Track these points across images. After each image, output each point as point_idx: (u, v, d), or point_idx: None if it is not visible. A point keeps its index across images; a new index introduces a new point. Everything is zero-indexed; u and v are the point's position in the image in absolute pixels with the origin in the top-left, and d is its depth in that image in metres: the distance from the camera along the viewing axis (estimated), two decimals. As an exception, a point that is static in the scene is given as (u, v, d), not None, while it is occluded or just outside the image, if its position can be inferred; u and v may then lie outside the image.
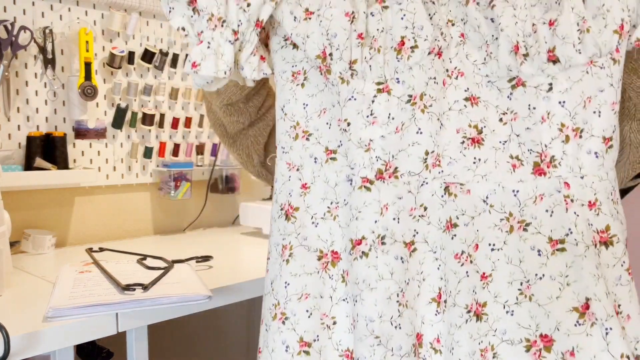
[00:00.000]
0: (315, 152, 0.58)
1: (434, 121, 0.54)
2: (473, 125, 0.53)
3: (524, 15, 0.50)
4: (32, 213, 1.44)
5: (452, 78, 0.54)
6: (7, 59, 1.35)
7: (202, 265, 1.18)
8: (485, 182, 0.52)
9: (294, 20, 0.55)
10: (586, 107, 0.51)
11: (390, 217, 0.54)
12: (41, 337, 0.78)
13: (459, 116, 0.53)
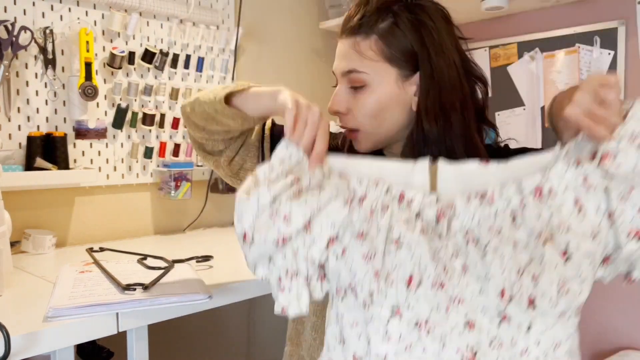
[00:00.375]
0: (347, 356, 0.69)
1: (437, 342, 0.64)
2: (469, 347, 0.64)
3: (511, 264, 0.62)
4: (33, 213, 1.44)
5: (454, 304, 0.64)
6: (8, 59, 1.35)
7: (203, 265, 1.18)
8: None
9: (336, 259, 0.69)
10: (555, 350, 0.63)
11: None
12: (41, 336, 0.78)
13: (459, 338, 0.64)
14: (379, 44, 0.82)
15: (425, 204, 0.68)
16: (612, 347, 1.69)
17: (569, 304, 0.62)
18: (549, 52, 1.77)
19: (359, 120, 0.85)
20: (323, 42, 2.23)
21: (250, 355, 1.95)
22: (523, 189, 0.65)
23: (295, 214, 0.66)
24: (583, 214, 0.62)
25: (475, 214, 0.65)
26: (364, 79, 0.83)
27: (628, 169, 0.60)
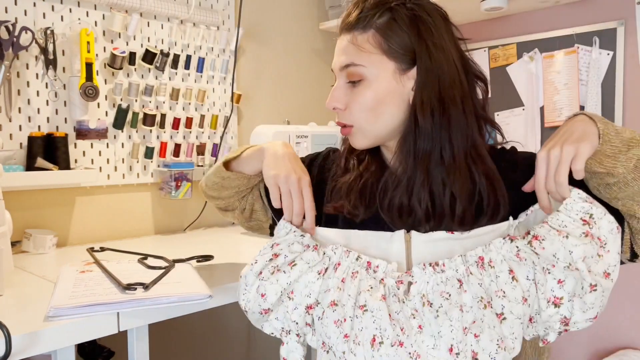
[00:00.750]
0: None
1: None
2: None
3: (458, 325, 0.73)
4: (33, 213, 1.45)
5: (413, 359, 0.73)
6: (9, 60, 1.35)
7: (203, 264, 1.19)
8: None
9: (318, 320, 0.82)
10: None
11: None
12: (42, 336, 0.78)
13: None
14: (377, 37, 0.82)
15: (388, 271, 0.80)
16: (612, 347, 1.69)
17: (505, 357, 0.72)
18: (548, 52, 1.78)
19: (356, 115, 0.85)
20: (323, 42, 2.24)
21: (250, 355, 1.95)
22: (468, 259, 0.77)
23: (269, 292, 0.81)
24: (516, 282, 0.74)
25: (429, 280, 0.77)
26: (361, 72, 0.83)
27: (549, 253, 0.74)
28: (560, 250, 0.73)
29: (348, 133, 0.88)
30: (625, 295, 1.65)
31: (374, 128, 0.85)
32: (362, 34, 0.83)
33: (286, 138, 1.63)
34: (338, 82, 0.87)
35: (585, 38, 1.69)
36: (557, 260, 0.73)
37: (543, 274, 0.74)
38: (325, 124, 1.92)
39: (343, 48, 0.85)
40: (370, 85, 0.83)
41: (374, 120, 0.85)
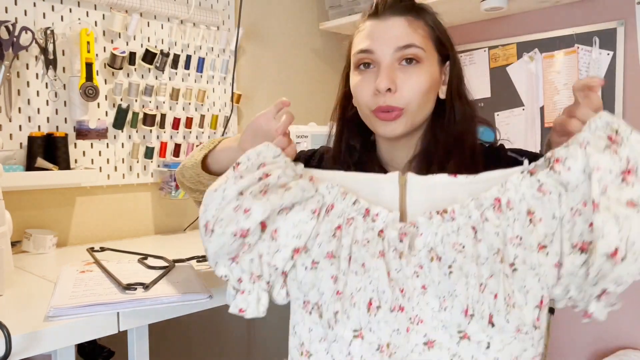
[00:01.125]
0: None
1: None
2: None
3: (474, 282, 0.64)
4: (34, 213, 1.45)
5: (414, 324, 0.66)
6: (9, 60, 1.35)
7: (203, 264, 1.19)
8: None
9: (305, 270, 0.71)
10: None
11: None
12: (42, 336, 0.78)
13: (419, 358, 0.66)
14: (428, 27, 0.85)
15: (389, 221, 0.69)
16: (612, 347, 1.69)
17: (519, 318, 0.64)
18: (548, 52, 1.78)
19: (408, 97, 0.82)
20: (323, 42, 2.24)
21: (250, 355, 1.95)
22: (482, 203, 0.66)
23: (256, 208, 0.67)
24: (534, 225, 0.64)
25: (437, 231, 0.67)
26: (420, 55, 0.83)
27: (577, 172, 0.62)
28: (586, 165, 0.62)
29: (393, 118, 0.83)
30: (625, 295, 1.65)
31: (419, 114, 0.85)
32: (417, 20, 0.84)
33: (286, 138, 1.63)
34: (387, 64, 0.82)
35: (585, 38, 1.69)
36: (587, 176, 0.61)
37: (572, 215, 0.63)
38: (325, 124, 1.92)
39: (398, 29, 0.83)
40: (427, 69, 0.84)
41: (423, 104, 0.84)
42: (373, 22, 0.85)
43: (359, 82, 0.86)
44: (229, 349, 1.89)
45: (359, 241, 0.69)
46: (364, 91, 0.84)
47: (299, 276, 0.71)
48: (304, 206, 0.70)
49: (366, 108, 0.85)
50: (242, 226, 0.67)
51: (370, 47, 0.83)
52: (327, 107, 0.95)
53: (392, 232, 0.68)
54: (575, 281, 0.64)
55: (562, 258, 0.63)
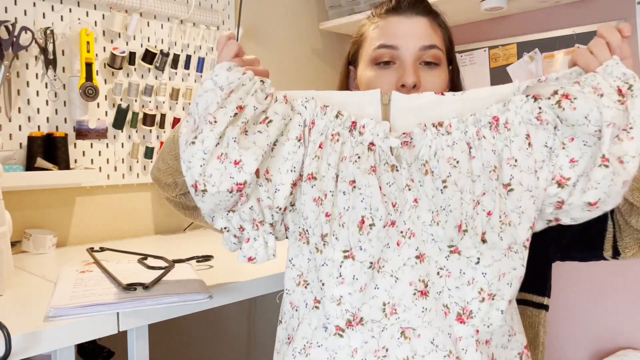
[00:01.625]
0: (308, 298, 0.71)
1: (387, 277, 0.66)
2: (421, 279, 0.66)
3: (468, 198, 0.64)
4: (33, 213, 1.45)
5: (405, 238, 0.66)
6: (9, 60, 1.35)
7: (203, 264, 1.19)
8: (430, 327, 0.65)
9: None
10: (501, 280, 0.66)
11: (359, 359, 0.66)
12: (42, 336, 0.78)
13: (411, 271, 0.66)
14: (442, 29, 0.86)
15: (378, 131, 0.67)
16: (612, 347, 1.69)
17: (512, 236, 0.64)
18: (548, 52, 1.77)
19: None
20: (323, 42, 2.23)
21: (250, 355, 1.95)
22: (480, 119, 0.66)
23: (247, 159, 0.63)
24: (531, 149, 0.64)
25: (432, 144, 0.66)
26: (440, 57, 0.83)
27: (580, 115, 0.62)
28: (593, 111, 0.61)
29: None
30: (625, 295, 1.65)
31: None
32: (435, 21, 0.85)
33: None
34: (409, 62, 0.81)
35: (586, 38, 1.69)
36: (588, 122, 0.61)
37: (559, 147, 0.64)
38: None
39: (422, 28, 0.83)
40: (443, 71, 0.84)
41: None
42: (394, 18, 0.83)
43: (377, 77, 0.83)
44: (228, 349, 1.89)
45: (346, 157, 0.67)
46: (384, 87, 0.81)
47: (297, 206, 0.69)
48: (287, 135, 0.67)
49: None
50: (237, 180, 0.63)
51: (394, 42, 0.82)
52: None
53: (383, 144, 0.66)
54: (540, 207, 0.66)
55: (547, 185, 0.65)
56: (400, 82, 0.80)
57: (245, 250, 0.69)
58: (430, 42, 0.82)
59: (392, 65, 0.82)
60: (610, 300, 1.68)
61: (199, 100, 0.66)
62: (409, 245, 0.66)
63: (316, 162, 0.67)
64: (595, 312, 1.71)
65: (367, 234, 0.65)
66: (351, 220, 0.65)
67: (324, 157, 0.67)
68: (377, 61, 0.83)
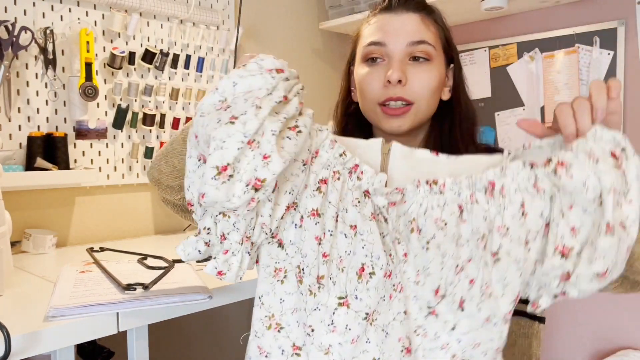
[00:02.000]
0: (283, 344, 0.66)
1: (379, 332, 0.63)
2: (407, 336, 0.64)
3: (450, 264, 0.61)
4: (33, 213, 1.44)
5: (396, 292, 0.64)
6: (8, 60, 1.35)
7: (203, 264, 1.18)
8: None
9: (294, 228, 0.65)
10: (475, 348, 0.64)
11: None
12: (42, 336, 0.78)
13: (400, 327, 0.64)
14: (437, 26, 0.85)
15: (374, 182, 0.65)
16: (612, 347, 1.69)
17: (492, 309, 0.62)
18: (548, 52, 1.77)
19: (418, 92, 0.82)
20: (323, 42, 2.23)
21: (250, 355, 1.95)
22: (475, 183, 0.63)
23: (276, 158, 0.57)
24: (524, 219, 0.61)
25: (423, 202, 0.63)
26: (431, 53, 0.82)
27: (578, 182, 0.59)
28: (590, 178, 0.58)
29: (401, 114, 0.81)
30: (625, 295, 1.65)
31: (426, 112, 0.84)
32: (428, 18, 0.84)
33: (286, 138, 1.63)
34: (398, 58, 0.81)
35: (586, 38, 1.69)
36: (586, 189, 0.58)
37: (558, 215, 0.61)
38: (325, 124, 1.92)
39: (412, 24, 0.82)
40: (435, 67, 0.83)
41: (431, 102, 0.84)
42: (385, 16, 0.84)
43: (367, 74, 0.84)
44: (228, 349, 1.89)
45: (345, 199, 0.64)
46: (373, 83, 0.83)
47: (289, 236, 0.65)
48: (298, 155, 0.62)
49: (373, 101, 0.84)
50: (258, 175, 0.57)
51: (382, 39, 0.82)
52: (327, 107, 0.94)
53: (381, 200, 0.64)
54: (542, 280, 0.62)
55: (544, 257, 0.61)
56: (386, 78, 0.81)
57: (219, 262, 0.63)
58: (419, 37, 0.82)
59: (381, 62, 0.83)
60: (610, 300, 1.68)
61: (238, 81, 0.61)
62: (399, 300, 0.64)
63: (320, 198, 0.64)
64: (595, 312, 1.71)
65: (366, 282, 0.62)
66: (351, 266, 0.63)
67: (327, 194, 0.64)
68: (367, 58, 0.84)
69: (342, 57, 0.96)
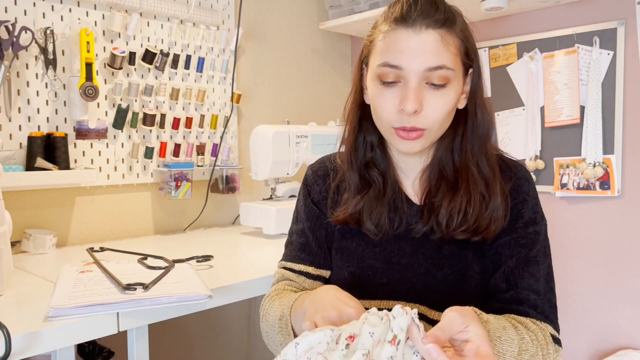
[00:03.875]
0: None
1: None
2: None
3: None
4: (33, 213, 1.45)
5: None
6: (9, 60, 1.35)
7: (203, 264, 1.19)
8: None
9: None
10: None
11: None
12: (42, 336, 0.78)
13: None
14: (459, 39, 0.81)
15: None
16: (612, 347, 1.69)
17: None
18: (548, 52, 1.77)
19: (432, 119, 0.79)
20: (323, 42, 2.23)
21: (250, 356, 1.95)
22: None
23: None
24: None
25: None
26: (449, 77, 0.78)
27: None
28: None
29: (414, 138, 0.81)
30: (625, 295, 1.65)
31: (439, 132, 0.83)
32: (449, 34, 0.79)
33: (286, 138, 1.63)
34: (414, 84, 0.78)
35: (586, 38, 1.69)
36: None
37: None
38: (325, 124, 1.92)
39: (432, 46, 0.77)
40: (453, 89, 0.80)
41: (445, 124, 0.83)
42: (402, 32, 0.78)
43: (381, 97, 0.81)
44: (228, 349, 1.89)
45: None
46: (387, 107, 0.80)
47: None
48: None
49: (387, 124, 0.82)
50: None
51: (398, 62, 0.78)
52: (327, 106, 0.95)
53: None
54: None
55: None
56: (400, 106, 0.78)
57: None
58: (437, 62, 0.77)
59: (396, 84, 0.79)
60: (610, 300, 1.68)
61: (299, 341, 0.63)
62: None
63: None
64: (595, 312, 1.71)
65: None
66: None
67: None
68: (382, 79, 0.80)
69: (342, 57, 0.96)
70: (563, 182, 1.74)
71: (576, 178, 1.71)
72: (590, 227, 1.71)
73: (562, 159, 1.74)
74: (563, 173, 1.74)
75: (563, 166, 1.74)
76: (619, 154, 1.63)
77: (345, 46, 2.31)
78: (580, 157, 1.70)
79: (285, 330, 0.83)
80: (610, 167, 1.64)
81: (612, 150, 1.64)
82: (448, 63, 0.78)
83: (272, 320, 0.89)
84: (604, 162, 1.65)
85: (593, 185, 1.68)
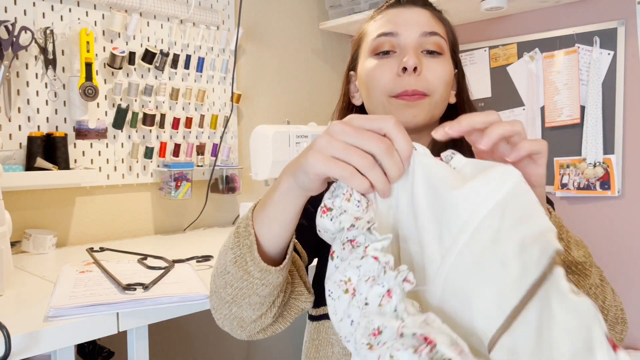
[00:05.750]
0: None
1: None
2: None
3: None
4: (33, 213, 1.44)
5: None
6: (8, 60, 1.35)
7: (203, 265, 1.19)
8: None
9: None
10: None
11: None
12: (42, 336, 0.78)
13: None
14: (445, 27, 0.83)
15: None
16: (612, 347, 1.69)
17: None
18: (548, 52, 1.77)
19: (434, 83, 0.77)
20: (323, 42, 2.23)
21: (250, 355, 1.95)
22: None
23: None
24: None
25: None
26: (443, 47, 0.79)
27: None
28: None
29: (418, 99, 0.76)
30: (625, 295, 1.65)
31: (439, 107, 0.80)
32: (436, 17, 0.82)
33: (286, 138, 1.63)
34: (410, 47, 0.77)
35: (586, 38, 1.69)
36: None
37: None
38: (325, 124, 1.92)
39: (424, 17, 0.79)
40: (447, 62, 0.80)
41: (444, 96, 0.80)
42: (394, 10, 0.81)
43: (378, 67, 0.78)
44: (228, 349, 1.89)
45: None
46: (384, 75, 0.77)
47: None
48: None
49: (383, 94, 0.78)
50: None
51: (394, 30, 0.78)
52: (327, 107, 0.95)
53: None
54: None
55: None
56: (400, 65, 0.76)
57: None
58: (431, 29, 0.78)
59: (392, 54, 0.78)
60: (610, 300, 1.68)
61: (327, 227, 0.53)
62: None
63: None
64: (595, 312, 1.71)
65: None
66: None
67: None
68: (377, 51, 0.79)
69: (342, 57, 0.96)
70: (563, 182, 1.74)
71: (576, 178, 1.71)
72: (591, 227, 1.71)
73: (562, 158, 1.74)
74: (563, 173, 1.74)
75: (563, 166, 1.74)
76: (619, 154, 1.63)
77: (345, 46, 2.31)
78: (581, 157, 1.70)
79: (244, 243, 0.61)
80: (610, 167, 1.64)
81: (612, 150, 1.64)
82: (441, 33, 0.80)
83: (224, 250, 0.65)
84: (604, 162, 1.65)
85: (593, 185, 1.68)
